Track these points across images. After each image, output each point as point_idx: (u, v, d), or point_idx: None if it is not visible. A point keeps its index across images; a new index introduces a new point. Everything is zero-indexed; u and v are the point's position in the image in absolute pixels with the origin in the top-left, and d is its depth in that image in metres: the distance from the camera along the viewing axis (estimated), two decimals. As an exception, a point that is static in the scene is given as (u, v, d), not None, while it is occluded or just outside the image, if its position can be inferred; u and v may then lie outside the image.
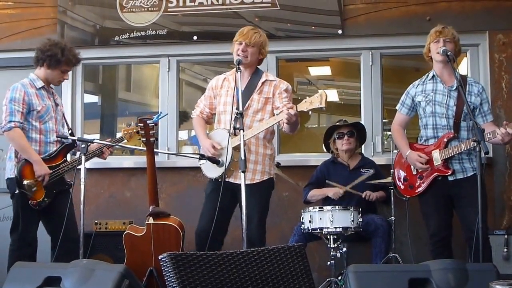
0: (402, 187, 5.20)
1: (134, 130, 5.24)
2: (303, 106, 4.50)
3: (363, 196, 5.77)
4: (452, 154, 4.82)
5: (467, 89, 4.94)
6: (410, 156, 5.03)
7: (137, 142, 5.36)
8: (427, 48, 5.07)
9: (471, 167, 4.84)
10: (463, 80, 4.95)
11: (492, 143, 5.10)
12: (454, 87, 4.92)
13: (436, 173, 4.91)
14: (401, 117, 5.23)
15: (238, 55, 4.86)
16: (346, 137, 6.02)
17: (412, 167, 5.08)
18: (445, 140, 4.89)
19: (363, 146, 6.43)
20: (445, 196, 4.92)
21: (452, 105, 4.90)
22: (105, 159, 5.48)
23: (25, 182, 4.98)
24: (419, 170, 5.01)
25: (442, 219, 4.92)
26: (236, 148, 4.66)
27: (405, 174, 5.18)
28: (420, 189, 5.01)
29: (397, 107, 5.26)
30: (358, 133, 6.12)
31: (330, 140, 6.14)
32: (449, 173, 4.86)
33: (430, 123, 4.99)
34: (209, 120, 5.26)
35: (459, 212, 4.92)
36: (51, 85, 5.40)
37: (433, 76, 5.06)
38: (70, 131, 5.48)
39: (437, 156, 4.90)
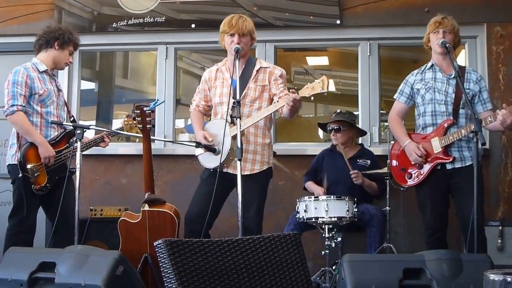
0: (399, 176, 5.18)
1: (135, 122, 5.20)
2: (305, 91, 4.50)
3: (351, 173, 5.78)
4: (452, 141, 4.80)
5: (465, 77, 4.95)
6: (409, 146, 5.01)
7: (134, 129, 5.35)
8: (427, 38, 5.06)
9: (470, 156, 4.83)
10: (461, 70, 4.95)
11: (492, 129, 5.04)
12: (453, 75, 4.89)
13: (436, 161, 4.89)
14: (399, 106, 5.22)
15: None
16: (333, 132, 6.03)
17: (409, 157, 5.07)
18: (445, 126, 4.87)
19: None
20: (442, 186, 4.91)
21: (451, 92, 4.89)
22: (105, 147, 5.47)
23: (28, 166, 4.97)
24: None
25: (438, 211, 4.91)
26: (235, 137, 4.65)
27: (402, 164, 5.16)
28: (418, 179, 5.00)
29: (395, 96, 5.25)
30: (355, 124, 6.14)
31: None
32: (449, 160, 4.85)
33: (428, 110, 4.98)
34: (206, 113, 5.23)
35: (456, 202, 4.92)
36: (53, 72, 5.40)
37: (432, 65, 5.05)
38: (72, 118, 5.47)
39: (436, 144, 4.88)
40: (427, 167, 4.93)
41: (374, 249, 5.41)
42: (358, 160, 5.98)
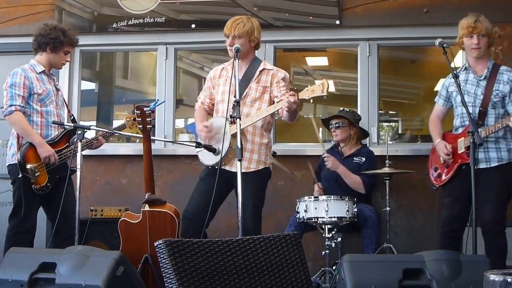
0: (432, 176, 5.21)
1: (137, 122, 5.23)
2: (305, 94, 4.51)
3: (323, 155, 5.85)
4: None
5: (496, 77, 4.91)
6: (438, 145, 5.06)
7: (134, 129, 5.36)
8: (460, 40, 5.02)
9: (496, 158, 4.79)
10: (495, 68, 4.95)
11: None
12: (483, 77, 4.91)
13: (460, 161, 4.88)
14: (438, 108, 5.26)
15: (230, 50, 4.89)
16: (333, 129, 6.08)
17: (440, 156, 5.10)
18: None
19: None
20: (467, 187, 4.85)
21: (480, 94, 4.88)
22: (99, 146, 5.47)
23: (28, 166, 4.98)
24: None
25: (457, 211, 4.87)
26: (235, 136, 4.67)
27: (435, 163, 5.19)
28: (445, 177, 5.01)
29: (435, 99, 5.30)
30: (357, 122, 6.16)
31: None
32: (468, 161, 4.81)
33: (458, 112, 5.01)
34: (210, 111, 5.24)
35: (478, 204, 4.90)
36: (51, 71, 5.41)
37: (466, 67, 5.06)
38: (72, 117, 5.48)
39: (461, 144, 4.89)
40: (452, 168, 4.94)
41: (371, 250, 5.42)
42: (354, 158, 6.00)
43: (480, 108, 4.86)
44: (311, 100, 4.62)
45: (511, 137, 4.92)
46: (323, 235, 5.25)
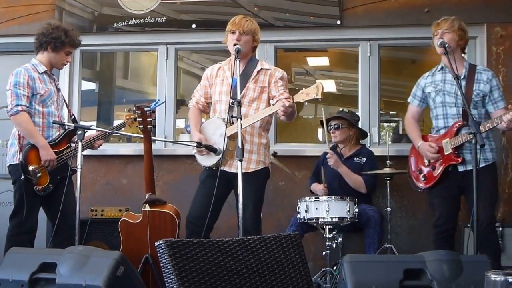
0: (416, 178, 5.20)
1: (136, 115, 5.23)
2: (300, 97, 4.50)
3: (327, 153, 5.87)
4: (462, 142, 4.80)
5: (475, 77, 4.93)
6: (422, 146, 5.06)
7: (134, 130, 5.36)
8: (433, 41, 5.07)
9: (483, 158, 4.78)
10: (471, 68, 4.97)
11: (501, 129, 5.02)
12: (462, 76, 4.91)
13: (448, 163, 4.89)
14: (413, 109, 5.26)
15: (235, 44, 4.85)
16: (332, 130, 6.06)
17: (425, 158, 5.08)
18: (455, 129, 4.88)
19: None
20: (454, 188, 4.90)
21: (460, 94, 4.88)
22: (97, 147, 5.45)
23: (30, 167, 4.96)
24: (431, 161, 5.01)
25: (448, 212, 4.92)
26: (231, 137, 4.67)
27: (419, 165, 5.18)
28: (433, 179, 5.00)
29: (409, 100, 5.29)
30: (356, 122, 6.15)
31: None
32: (459, 161, 4.84)
33: (440, 113, 5.01)
34: (204, 110, 5.24)
35: (468, 205, 4.92)
36: (52, 71, 5.40)
37: (442, 67, 5.06)
38: (72, 117, 5.47)
39: (447, 146, 4.89)
40: (439, 169, 4.95)
41: (373, 250, 5.42)
42: (355, 159, 6.00)
43: (464, 108, 4.86)
44: (306, 103, 4.62)
45: (492, 137, 5.00)
46: (324, 235, 5.25)
